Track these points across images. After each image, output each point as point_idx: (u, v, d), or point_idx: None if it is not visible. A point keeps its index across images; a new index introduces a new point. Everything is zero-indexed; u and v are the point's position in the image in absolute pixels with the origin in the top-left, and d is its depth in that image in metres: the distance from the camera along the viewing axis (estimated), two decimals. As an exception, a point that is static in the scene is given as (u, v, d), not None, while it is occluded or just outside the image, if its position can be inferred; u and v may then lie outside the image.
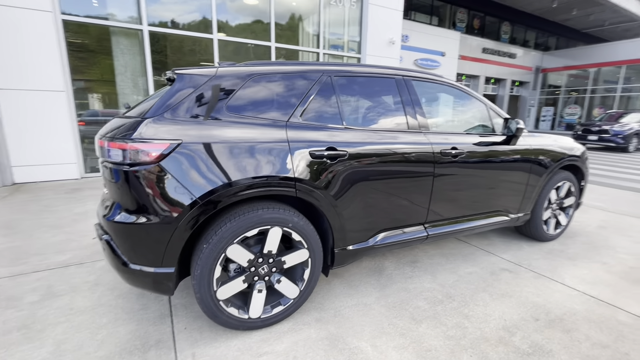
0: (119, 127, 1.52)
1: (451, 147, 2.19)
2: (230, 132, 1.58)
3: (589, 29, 24.68)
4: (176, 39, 5.87)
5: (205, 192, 1.47)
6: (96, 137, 1.69)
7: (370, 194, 1.94)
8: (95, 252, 2.68)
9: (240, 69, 1.73)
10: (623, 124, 11.32)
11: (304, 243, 1.77)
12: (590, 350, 1.69)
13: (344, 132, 1.88)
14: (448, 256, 2.75)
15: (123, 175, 1.45)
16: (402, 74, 2.19)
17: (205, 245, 1.53)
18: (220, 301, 1.63)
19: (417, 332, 1.79)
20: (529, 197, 2.72)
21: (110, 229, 1.51)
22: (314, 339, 1.73)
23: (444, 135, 2.22)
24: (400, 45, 7.97)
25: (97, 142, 1.62)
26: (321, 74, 1.91)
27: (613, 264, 2.65)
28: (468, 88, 2.48)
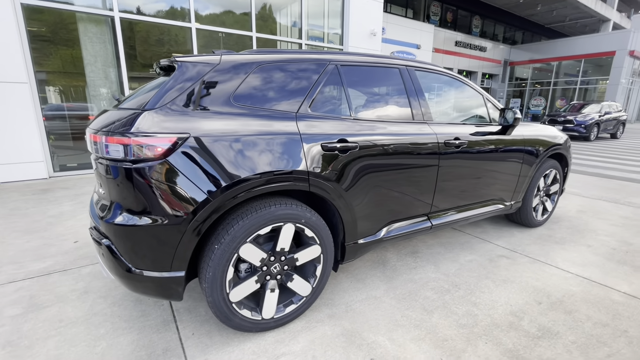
0: (116, 121, 1.38)
1: (454, 138, 2.21)
2: (239, 124, 1.48)
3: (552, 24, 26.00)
4: (151, 28, 5.52)
5: (218, 189, 1.37)
6: (88, 131, 1.53)
7: (379, 185, 1.91)
8: (79, 257, 2.48)
9: (246, 57, 1.62)
10: (585, 115, 12.06)
11: (316, 239, 1.71)
12: (593, 329, 1.77)
13: (353, 123, 1.82)
14: (446, 245, 2.79)
15: (124, 173, 1.31)
16: (405, 64, 2.16)
17: (217, 245, 1.44)
18: (233, 304, 1.54)
19: (430, 323, 1.80)
20: (522, 185, 2.81)
21: (110, 232, 1.38)
22: (329, 336, 1.69)
23: (447, 126, 2.23)
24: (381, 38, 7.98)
25: (90, 137, 1.46)
26: (328, 62, 1.83)
27: (597, 247, 2.81)
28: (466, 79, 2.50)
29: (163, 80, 1.62)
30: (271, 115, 1.59)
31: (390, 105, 2.05)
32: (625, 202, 4.14)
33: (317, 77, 1.77)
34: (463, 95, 2.49)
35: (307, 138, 1.62)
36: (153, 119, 1.34)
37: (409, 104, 2.10)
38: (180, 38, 5.78)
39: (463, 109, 2.49)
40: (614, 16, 24.42)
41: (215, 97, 1.49)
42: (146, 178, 1.30)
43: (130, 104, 1.55)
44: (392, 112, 2.04)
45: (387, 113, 2.02)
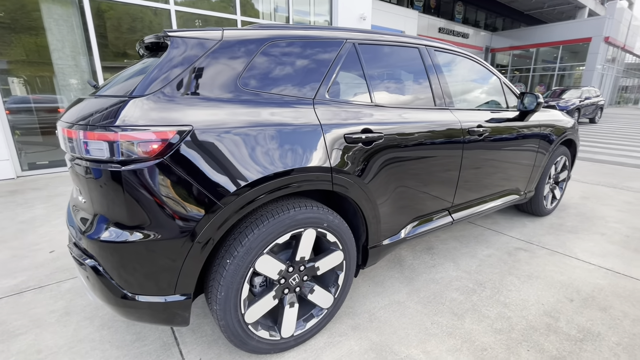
0: (96, 112, 1.10)
1: (477, 125, 2.02)
2: (251, 113, 1.23)
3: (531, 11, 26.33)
4: (125, 10, 5.02)
5: (232, 193, 1.12)
6: (59, 124, 1.24)
7: (403, 179, 1.70)
8: (57, 269, 2.16)
9: (253, 33, 1.35)
10: (566, 100, 12.28)
11: (338, 244, 1.50)
12: (633, 327, 1.66)
13: (376, 110, 1.60)
14: (460, 239, 2.65)
15: (111, 177, 1.04)
16: (425, 44, 1.94)
17: (229, 260, 1.20)
18: (249, 325, 1.32)
19: (463, 329, 1.64)
20: (536, 173, 2.69)
21: (95, 250, 1.11)
22: (357, 352, 1.49)
23: (468, 112, 2.04)
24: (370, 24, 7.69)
25: (63, 133, 1.17)
26: (345, 40, 1.59)
27: (611, 234, 2.74)
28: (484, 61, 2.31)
29: (151, 62, 1.33)
30: (286, 102, 1.34)
31: (411, 89, 1.83)
32: (623, 187, 4.15)
33: (334, 57, 1.52)
34: (480, 79, 2.30)
35: (329, 128, 1.39)
36: (144, 108, 1.06)
37: (431, 88, 1.89)
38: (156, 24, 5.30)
39: (480, 94, 2.31)
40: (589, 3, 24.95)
41: (218, 80, 1.23)
42: (140, 183, 1.04)
43: (112, 90, 1.26)
44: (413, 97, 1.83)
45: (408, 98, 1.80)
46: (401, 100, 1.77)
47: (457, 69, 2.13)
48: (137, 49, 1.72)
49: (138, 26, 5.20)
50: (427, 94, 1.88)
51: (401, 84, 1.81)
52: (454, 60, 2.12)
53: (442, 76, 1.96)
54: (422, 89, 1.87)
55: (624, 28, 23.36)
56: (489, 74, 2.34)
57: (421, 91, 1.86)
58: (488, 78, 2.33)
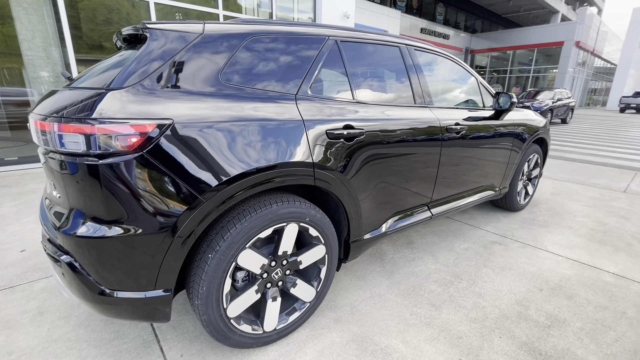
0: (72, 104, 1.07)
1: (455, 123, 2.09)
2: (232, 107, 1.23)
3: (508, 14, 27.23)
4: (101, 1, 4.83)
5: (213, 188, 1.12)
6: (32, 117, 1.19)
7: (384, 175, 1.75)
8: (28, 269, 2.08)
9: (235, 27, 1.35)
10: (540, 101, 12.80)
11: (321, 238, 1.53)
12: (595, 313, 1.78)
13: (357, 107, 1.63)
14: (439, 234, 2.74)
15: (87, 171, 1.02)
16: (405, 43, 1.98)
17: (211, 254, 1.20)
18: (232, 319, 1.32)
19: (441, 319, 1.70)
20: (510, 170, 2.81)
21: (72, 246, 1.08)
22: (339, 343, 1.53)
23: (446, 110, 2.11)
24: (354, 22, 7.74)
25: (36, 125, 1.13)
26: (327, 37, 1.60)
27: (577, 228, 2.91)
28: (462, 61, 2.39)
29: (129, 55, 1.31)
30: (269, 98, 1.35)
31: (392, 88, 1.88)
32: (590, 184, 4.39)
33: (316, 54, 1.54)
34: (459, 78, 2.38)
35: (311, 124, 1.40)
36: (123, 100, 1.04)
37: (410, 86, 1.94)
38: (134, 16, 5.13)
39: (458, 93, 2.39)
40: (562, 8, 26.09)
41: (199, 74, 1.22)
42: (118, 177, 1.02)
43: (88, 83, 1.23)
44: (394, 95, 1.87)
45: (389, 96, 1.85)
46: (382, 97, 1.80)
47: (436, 69, 2.19)
48: (115, 41, 1.68)
49: (115, 18, 5.02)
50: (408, 92, 1.93)
51: (382, 82, 1.85)
52: (433, 59, 2.18)
53: (422, 75, 2.02)
54: (403, 87, 1.91)
55: (594, 33, 24.56)
56: (467, 73, 2.42)
57: (402, 89, 1.91)
58: (465, 78, 2.42)
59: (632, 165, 5.63)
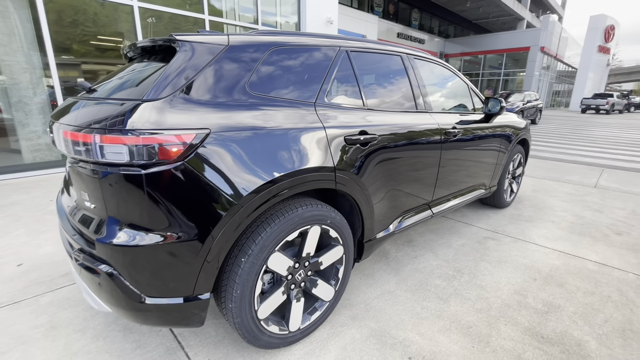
0: (108, 115, 1.08)
1: (452, 127, 2.23)
2: (261, 116, 1.28)
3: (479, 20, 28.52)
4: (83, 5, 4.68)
5: (250, 193, 1.17)
6: (58, 127, 1.20)
7: (393, 177, 1.85)
8: (30, 283, 2.01)
9: (257, 39, 1.40)
10: (512, 103, 13.50)
11: (339, 239, 1.60)
12: (584, 298, 1.95)
13: (368, 114, 1.72)
14: (436, 231, 2.88)
15: (130, 180, 1.04)
16: (406, 52, 2.10)
17: (244, 258, 1.24)
18: (261, 321, 1.37)
19: (449, 311, 1.81)
20: (498, 169, 3.00)
21: (112, 255, 1.09)
22: (359, 339, 1.60)
23: (444, 115, 2.25)
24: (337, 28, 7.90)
25: (67, 136, 1.13)
26: (339, 48, 1.69)
27: (559, 222, 3.14)
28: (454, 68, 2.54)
29: (152, 66, 1.33)
30: (292, 106, 1.41)
31: (396, 94, 1.98)
32: (564, 180, 4.72)
33: (330, 63, 1.62)
34: (452, 85, 2.53)
35: (331, 130, 1.48)
36: (161, 111, 1.08)
37: (412, 92, 2.06)
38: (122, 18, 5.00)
39: (452, 98, 2.54)
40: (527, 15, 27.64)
41: (228, 84, 1.26)
42: (161, 186, 1.05)
43: (118, 94, 1.24)
44: (399, 101, 1.98)
45: (395, 102, 1.95)
46: (388, 104, 1.91)
47: (433, 75, 2.33)
48: (126, 52, 1.69)
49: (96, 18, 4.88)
50: (410, 98, 2.04)
51: (387, 89, 1.95)
52: (430, 67, 2.31)
53: (422, 81, 2.14)
54: (406, 93, 2.03)
55: (556, 39, 26.20)
56: (459, 80, 2.58)
57: (405, 96, 2.02)
58: (458, 83, 2.57)
59: (598, 162, 6.09)
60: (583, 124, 15.05)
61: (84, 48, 4.85)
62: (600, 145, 8.30)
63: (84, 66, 5.01)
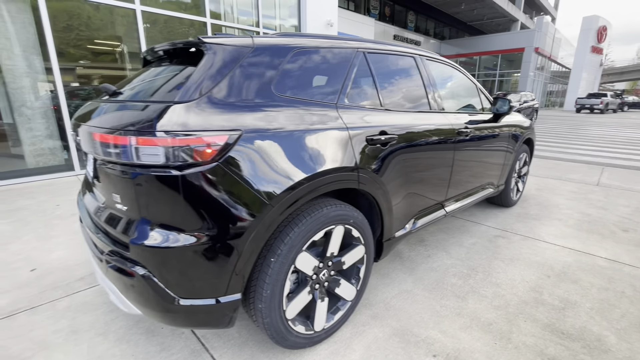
0: (140, 118, 1.08)
1: (464, 127, 2.26)
2: (289, 117, 1.29)
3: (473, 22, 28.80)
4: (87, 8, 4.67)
5: (281, 193, 1.18)
6: (86, 129, 1.20)
7: (411, 176, 1.86)
8: (46, 288, 2.00)
9: (281, 41, 1.42)
10: (509, 103, 13.61)
11: (361, 239, 1.61)
12: (599, 294, 1.98)
13: (386, 114, 1.74)
14: (446, 231, 2.90)
15: (166, 182, 1.05)
16: (418, 53, 2.13)
17: (274, 258, 1.25)
18: (289, 321, 1.37)
19: (468, 309, 1.83)
20: (506, 168, 3.03)
21: (147, 257, 1.09)
22: (382, 338, 1.61)
23: (456, 115, 2.27)
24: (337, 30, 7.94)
25: (96, 138, 1.14)
26: (356, 50, 1.71)
27: (566, 219, 3.17)
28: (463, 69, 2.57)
29: (175, 69, 1.34)
30: (316, 107, 1.42)
31: (411, 95, 2.00)
32: (566, 179, 4.77)
33: (349, 65, 1.64)
34: (461, 85, 2.57)
35: (353, 131, 1.49)
36: (196, 113, 1.08)
37: (426, 93, 2.09)
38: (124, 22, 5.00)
39: (462, 98, 2.57)
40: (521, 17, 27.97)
41: (255, 86, 1.27)
42: (197, 187, 1.05)
43: (147, 97, 1.25)
44: (414, 102, 2.00)
45: (410, 102, 1.97)
46: (404, 104, 1.93)
47: (443, 75, 2.35)
48: (144, 55, 1.70)
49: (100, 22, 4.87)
50: (424, 99, 2.07)
51: (402, 89, 1.97)
52: (440, 67, 2.34)
53: (434, 82, 2.17)
54: (420, 93, 2.05)
55: (550, 40, 26.53)
56: (468, 80, 2.61)
57: (419, 96, 2.04)
58: (467, 83, 2.61)
59: (598, 161, 6.17)
60: (579, 123, 15.22)
61: (86, 52, 4.84)
62: (598, 144, 8.40)
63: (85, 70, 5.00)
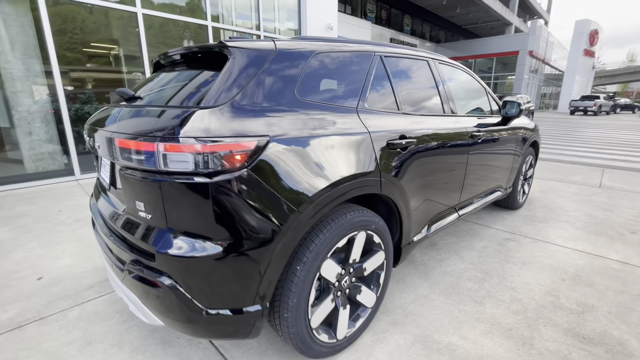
0: (166, 124, 1.05)
1: (476, 130, 2.25)
2: (314, 121, 1.27)
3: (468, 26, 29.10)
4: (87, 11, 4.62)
5: (309, 199, 1.15)
6: (105, 134, 1.17)
7: (428, 180, 1.85)
8: (54, 297, 1.94)
9: (301, 45, 1.40)
10: (505, 106, 13.75)
11: (381, 245, 1.59)
12: (616, 297, 1.97)
13: (404, 118, 1.73)
14: (456, 234, 2.89)
15: (195, 189, 1.02)
16: (431, 57, 2.12)
17: (299, 266, 1.22)
18: (314, 329, 1.34)
19: (487, 314, 1.81)
20: (514, 171, 3.03)
21: (174, 267, 1.06)
22: (404, 345, 1.58)
23: (468, 118, 2.27)
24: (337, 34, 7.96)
25: (119, 144, 1.10)
26: (373, 53, 1.69)
27: (573, 222, 3.18)
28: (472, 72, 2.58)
29: (192, 73, 1.32)
30: (337, 111, 1.40)
31: (426, 98, 2.00)
32: (569, 181, 4.80)
33: (367, 68, 1.62)
34: (472, 88, 2.57)
35: (376, 136, 1.48)
36: (224, 119, 1.06)
37: (440, 96, 2.08)
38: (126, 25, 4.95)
39: (473, 101, 2.57)
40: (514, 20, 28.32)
41: (279, 90, 1.25)
42: (227, 194, 1.02)
43: (169, 102, 1.22)
44: (429, 105, 1.99)
45: (425, 106, 1.96)
46: (420, 107, 1.92)
47: (455, 79, 2.35)
48: (158, 59, 1.67)
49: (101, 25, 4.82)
50: (437, 102, 2.06)
51: (418, 93, 1.96)
52: (451, 70, 2.34)
53: (447, 85, 2.17)
54: (434, 97, 2.04)
55: (543, 43, 26.89)
56: (477, 83, 2.62)
57: (434, 99, 2.03)
58: (476, 87, 2.61)
59: (597, 162, 6.23)
60: (574, 125, 15.41)
61: (86, 55, 4.78)
62: (595, 145, 8.50)
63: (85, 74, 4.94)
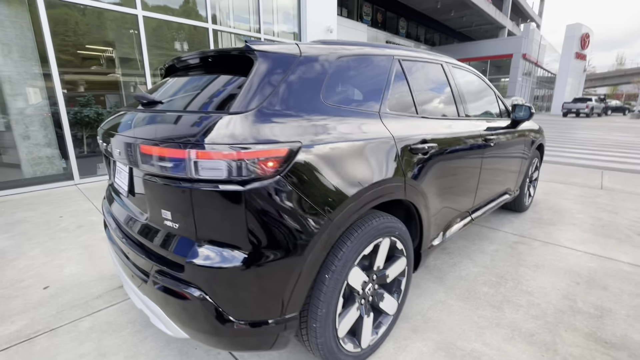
0: (194, 130, 1.02)
1: (490, 133, 2.25)
2: (342, 127, 1.25)
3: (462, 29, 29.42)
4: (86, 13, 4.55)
5: (341, 206, 1.13)
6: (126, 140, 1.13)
7: (447, 184, 1.84)
8: (63, 307, 1.88)
9: (325, 48, 1.37)
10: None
11: (403, 251, 1.57)
12: (632, 300, 1.97)
13: (424, 122, 1.71)
14: (466, 237, 2.88)
15: (228, 197, 0.98)
16: (445, 60, 2.12)
17: (328, 275, 1.19)
18: (340, 339, 1.31)
19: (507, 319, 1.80)
20: (522, 173, 3.04)
21: (203, 277, 1.02)
22: (427, 353, 1.56)
23: (480, 121, 2.27)
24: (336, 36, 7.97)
25: (143, 150, 1.07)
26: (392, 57, 1.68)
27: (580, 224, 3.20)
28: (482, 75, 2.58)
29: (214, 77, 1.29)
30: (361, 116, 1.38)
31: (442, 102, 1.99)
32: (570, 183, 4.84)
33: (388, 72, 1.61)
34: (483, 91, 2.57)
35: (399, 140, 1.46)
36: (255, 125, 1.03)
37: (454, 100, 2.07)
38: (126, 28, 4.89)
39: (484, 104, 2.57)
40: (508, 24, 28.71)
41: (306, 95, 1.23)
42: (260, 202, 0.99)
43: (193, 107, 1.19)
44: (445, 109, 1.98)
45: (442, 109, 1.95)
46: (436, 111, 1.90)
47: (467, 82, 2.35)
48: (172, 63, 1.63)
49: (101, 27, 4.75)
50: (453, 105, 2.05)
51: (434, 97, 1.95)
52: (464, 74, 2.34)
53: (461, 88, 2.16)
54: (450, 100, 2.04)
55: (536, 47, 27.28)
56: (487, 86, 2.62)
57: (449, 103, 2.03)
58: (487, 90, 2.61)
59: (595, 164, 6.30)
60: (568, 127, 15.61)
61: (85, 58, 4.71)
62: (591, 147, 8.60)
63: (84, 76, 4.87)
